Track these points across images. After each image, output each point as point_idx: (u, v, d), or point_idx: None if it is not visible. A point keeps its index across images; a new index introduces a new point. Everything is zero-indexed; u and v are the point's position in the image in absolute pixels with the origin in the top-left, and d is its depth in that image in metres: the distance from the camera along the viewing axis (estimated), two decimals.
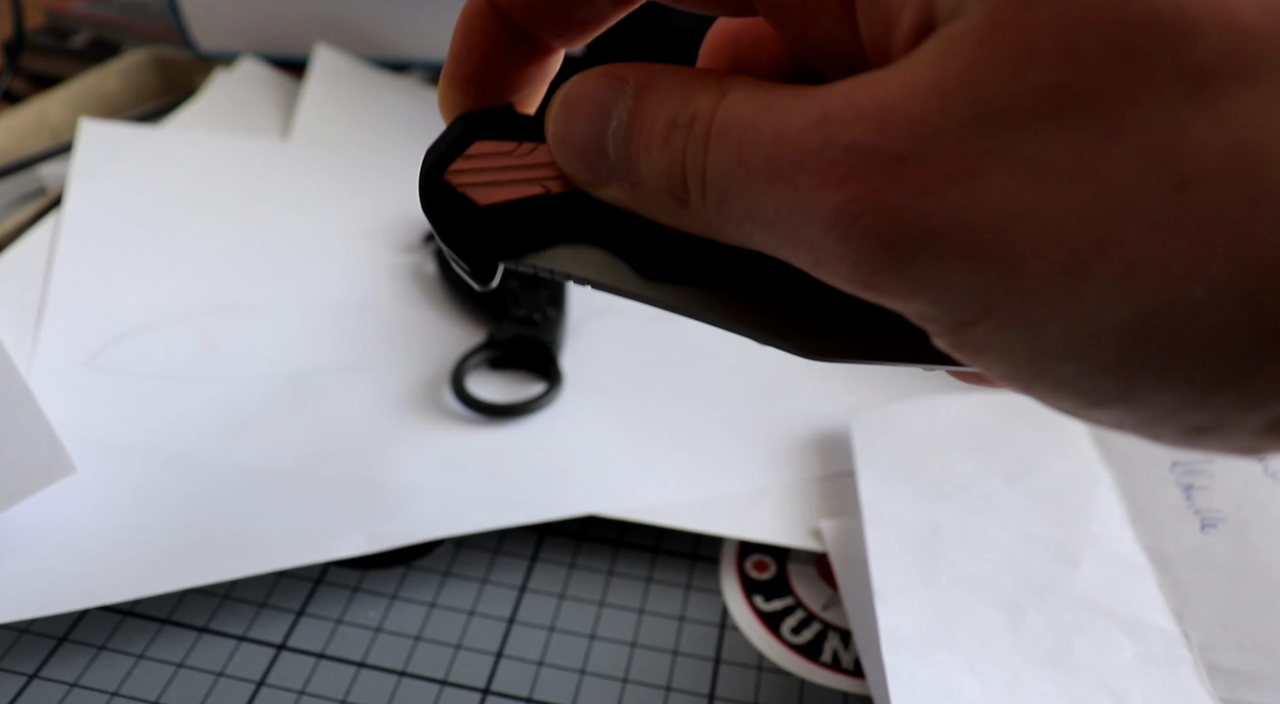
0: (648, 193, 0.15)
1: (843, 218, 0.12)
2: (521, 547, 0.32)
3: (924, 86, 0.12)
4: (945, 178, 0.11)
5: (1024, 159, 0.11)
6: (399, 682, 0.27)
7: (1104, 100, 0.11)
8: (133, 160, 0.45)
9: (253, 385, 0.36)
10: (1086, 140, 0.11)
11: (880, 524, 0.29)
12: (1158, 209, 0.10)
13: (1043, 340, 0.12)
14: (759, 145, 0.13)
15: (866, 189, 0.12)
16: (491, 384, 0.37)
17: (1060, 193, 0.11)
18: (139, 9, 0.67)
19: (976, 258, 0.11)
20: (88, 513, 0.30)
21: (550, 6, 0.17)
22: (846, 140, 0.12)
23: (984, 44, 0.11)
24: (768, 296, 0.16)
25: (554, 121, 0.16)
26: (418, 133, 0.52)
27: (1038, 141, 0.11)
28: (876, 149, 0.12)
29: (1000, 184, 0.11)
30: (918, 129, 0.12)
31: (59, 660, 0.27)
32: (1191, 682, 0.25)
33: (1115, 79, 0.11)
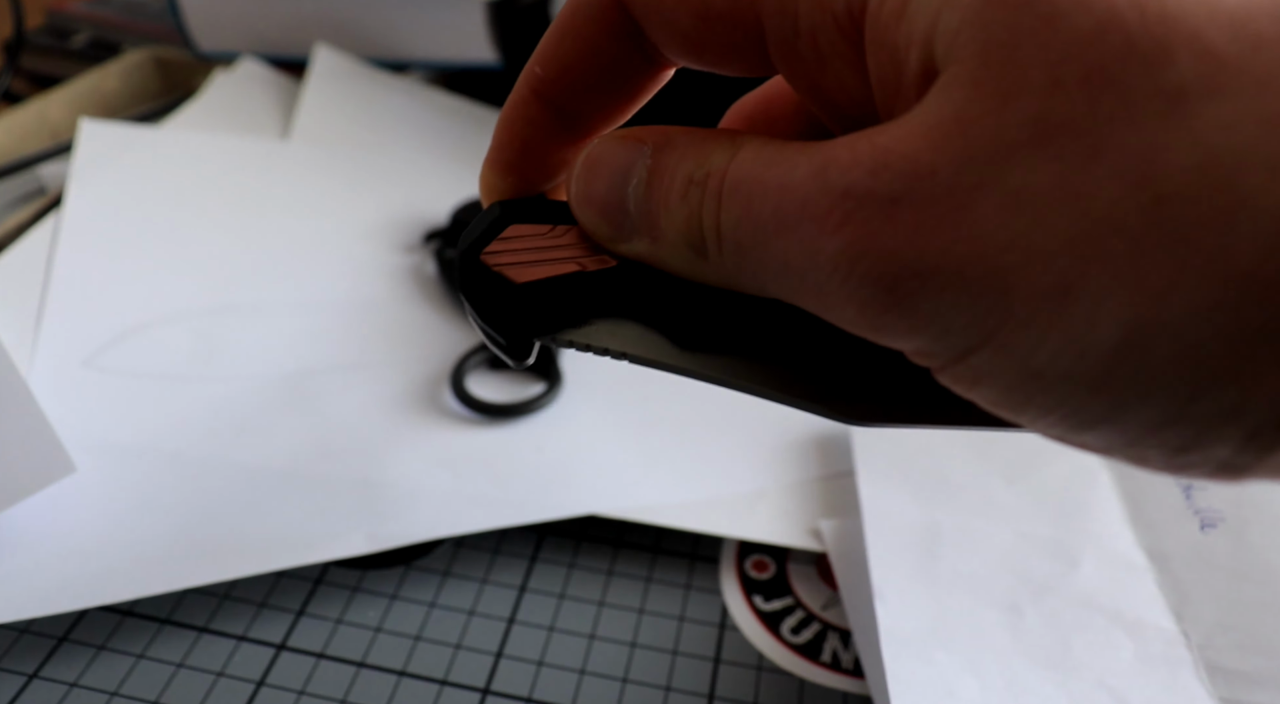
0: (668, 247, 0.16)
1: (843, 262, 0.13)
2: (521, 547, 0.32)
3: (919, 130, 0.12)
4: (937, 216, 0.12)
5: (1011, 190, 0.11)
6: (399, 682, 0.27)
7: (1084, 125, 0.11)
8: (133, 160, 0.45)
9: (252, 385, 0.36)
10: (1068, 166, 0.11)
11: (880, 524, 0.29)
12: (1137, 227, 0.11)
13: (1034, 364, 0.12)
14: (766, 198, 0.14)
15: (863, 232, 0.12)
16: (491, 384, 0.37)
17: (1045, 219, 0.11)
18: (139, 9, 0.67)
19: (970, 291, 0.12)
20: (87, 513, 0.30)
21: (589, 77, 0.17)
22: (842, 185, 0.13)
23: (975, 84, 0.12)
24: (804, 363, 0.16)
25: (576, 182, 0.17)
26: (418, 133, 0.52)
27: (1023, 171, 0.11)
28: (869, 192, 0.12)
29: (988, 216, 0.11)
30: (909, 169, 0.12)
31: (59, 660, 0.27)
32: (1191, 681, 0.25)
33: (1095, 105, 0.11)
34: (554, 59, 0.17)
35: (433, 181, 0.49)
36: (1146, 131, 0.11)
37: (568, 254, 0.17)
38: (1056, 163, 0.11)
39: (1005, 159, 0.11)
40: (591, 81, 0.17)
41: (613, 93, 0.18)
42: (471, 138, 0.53)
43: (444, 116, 0.54)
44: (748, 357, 0.16)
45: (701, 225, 0.15)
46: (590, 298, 0.17)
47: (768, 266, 0.14)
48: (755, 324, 0.16)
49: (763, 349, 0.16)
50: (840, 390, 0.16)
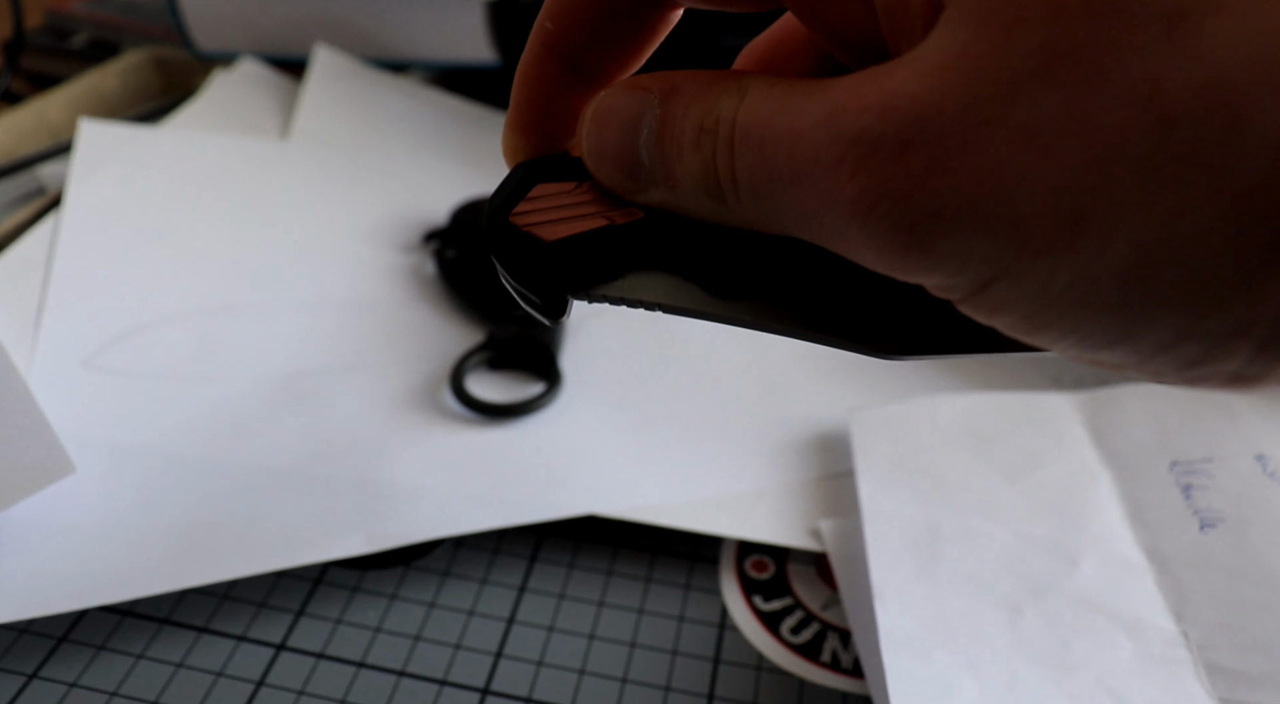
0: (687, 194, 0.16)
1: (860, 209, 0.13)
2: (521, 547, 0.32)
3: (925, 69, 0.12)
4: (947, 156, 0.12)
5: (1018, 124, 0.12)
6: (398, 682, 0.27)
7: (1088, 53, 0.11)
8: (132, 160, 0.45)
9: (253, 385, 0.36)
10: (1074, 95, 0.11)
11: (879, 524, 0.29)
12: (1144, 151, 0.11)
13: (1050, 291, 0.12)
14: (779, 146, 0.14)
15: (876, 178, 0.13)
16: (491, 384, 0.37)
17: (1053, 150, 0.11)
18: (138, 9, 0.67)
19: (985, 226, 0.12)
20: (87, 513, 0.30)
21: (598, 26, 0.18)
22: (852, 132, 0.13)
23: (979, 19, 0.12)
24: (831, 301, 0.16)
25: (587, 137, 0.17)
26: (417, 133, 0.52)
27: (1030, 104, 0.11)
28: (881, 137, 0.12)
29: (998, 151, 0.12)
30: (917, 111, 0.12)
31: (58, 660, 0.27)
32: (1190, 682, 0.25)
33: (1097, 32, 0.11)
34: (562, 11, 0.18)
35: (432, 181, 0.49)
36: (1149, 54, 0.11)
37: (595, 209, 0.17)
38: (1061, 92, 0.11)
39: (1011, 93, 0.12)
40: (600, 29, 0.18)
41: (623, 39, 0.18)
42: (471, 138, 0.53)
43: (444, 116, 0.54)
44: (776, 298, 0.16)
45: (717, 173, 0.15)
46: (621, 251, 0.17)
47: (786, 212, 0.14)
48: (781, 265, 0.16)
49: (790, 289, 0.16)
50: (867, 325, 0.16)
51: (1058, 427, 0.33)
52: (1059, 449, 0.32)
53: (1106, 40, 0.11)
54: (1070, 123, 0.11)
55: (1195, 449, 0.32)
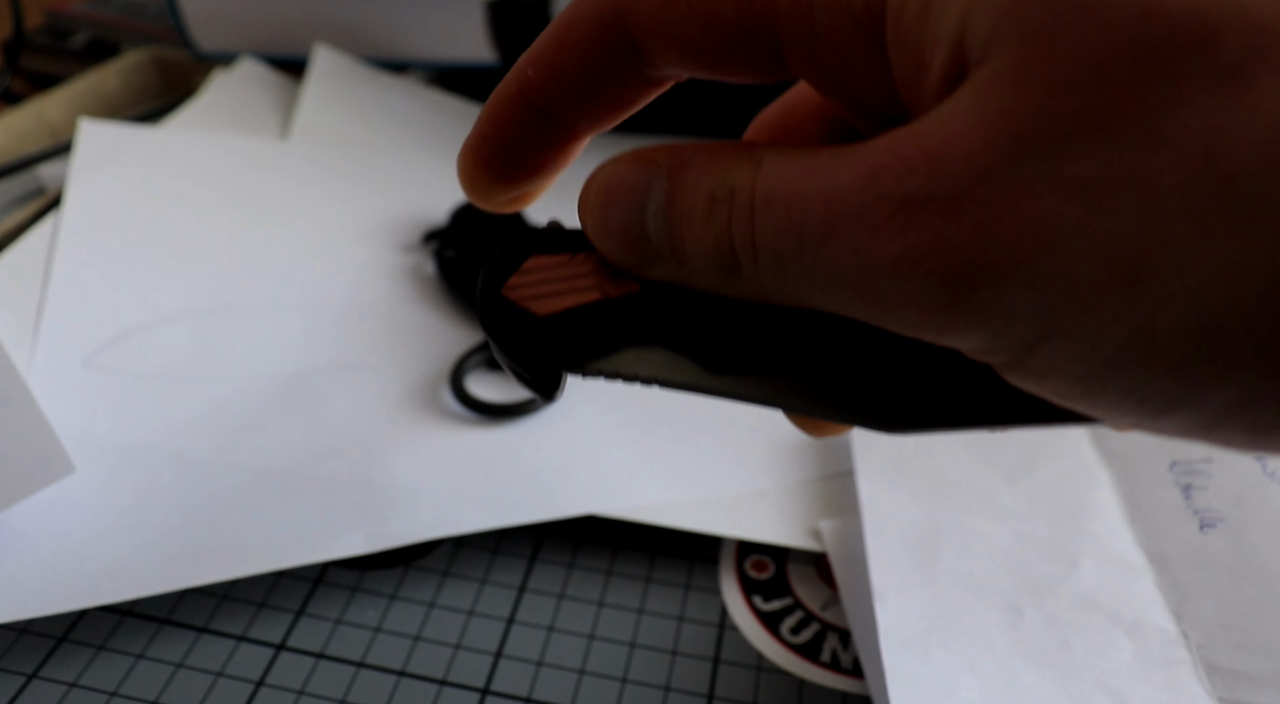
0: (696, 268, 0.16)
1: (906, 264, 0.13)
2: (521, 547, 0.32)
3: (966, 130, 0.12)
4: (998, 211, 0.12)
5: (1069, 180, 0.11)
6: (398, 682, 0.27)
7: (1138, 112, 0.11)
8: (132, 160, 0.45)
9: (252, 385, 0.36)
10: (1128, 152, 0.11)
11: (879, 524, 0.29)
12: (1204, 208, 0.11)
13: (1104, 351, 0.12)
14: (810, 209, 0.13)
15: (927, 235, 0.12)
16: (490, 384, 0.37)
17: (1107, 205, 0.11)
18: (138, 9, 0.67)
19: (1034, 280, 0.12)
20: (87, 513, 0.30)
21: (583, 89, 0.17)
22: (902, 192, 0.13)
23: (1017, 81, 0.12)
24: (838, 375, 0.16)
25: (590, 211, 0.17)
26: (417, 133, 0.52)
27: (1081, 161, 0.11)
28: (931, 196, 0.12)
29: (1049, 207, 0.11)
30: (966, 170, 0.12)
31: (58, 660, 0.27)
32: (1190, 682, 0.25)
33: (1147, 92, 0.11)
34: (546, 65, 0.17)
35: (432, 181, 0.49)
36: (1205, 112, 0.11)
37: (589, 282, 0.17)
38: (1114, 151, 0.11)
39: (1061, 150, 0.11)
40: (583, 91, 0.17)
41: (604, 101, 0.17)
42: None
43: (444, 116, 0.54)
44: (781, 372, 0.16)
45: (733, 242, 0.15)
46: (615, 325, 0.17)
47: (814, 276, 0.14)
48: (788, 337, 0.16)
49: (797, 363, 0.16)
50: (883, 397, 0.15)
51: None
52: (1058, 449, 0.32)
53: (1157, 100, 0.11)
54: (1125, 179, 0.11)
55: (1195, 449, 0.32)
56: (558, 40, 0.17)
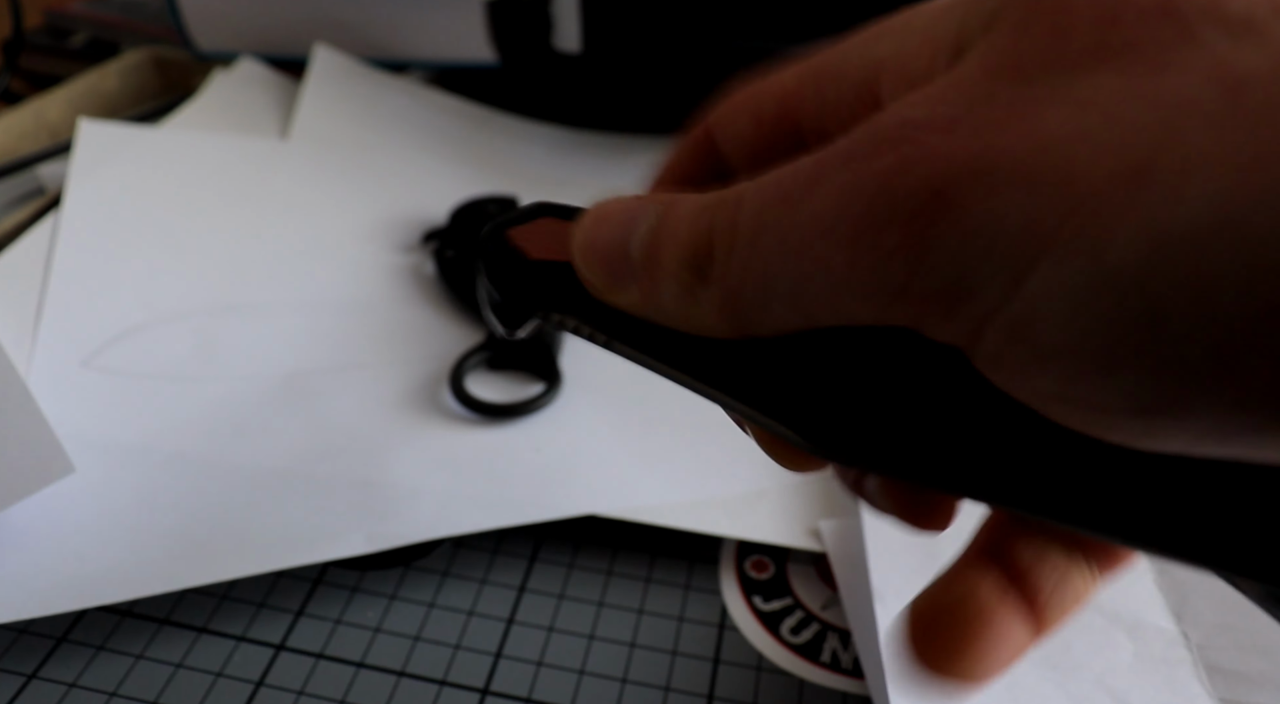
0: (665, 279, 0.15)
1: (892, 175, 0.12)
2: (520, 547, 0.32)
3: (971, 71, 0.12)
4: (998, 122, 0.11)
5: (1075, 98, 0.11)
6: (398, 682, 0.27)
7: (1148, 49, 0.11)
8: (131, 160, 0.45)
9: (252, 385, 0.36)
10: (1135, 76, 0.11)
11: (879, 524, 0.29)
12: (1214, 110, 0.10)
13: (1106, 262, 0.10)
14: (799, 173, 0.13)
15: (918, 148, 0.12)
16: (490, 384, 0.37)
17: (1114, 114, 0.11)
18: (138, 9, 0.67)
19: (1031, 182, 0.11)
20: (86, 513, 0.30)
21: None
22: (896, 119, 0.12)
23: (1024, 29, 0.12)
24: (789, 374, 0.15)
25: (581, 230, 0.17)
26: (417, 133, 0.52)
27: (1087, 84, 0.11)
28: (929, 118, 0.12)
29: (1054, 117, 0.11)
30: (968, 93, 0.12)
31: (58, 660, 0.27)
32: (1191, 682, 0.25)
33: (1157, 35, 0.11)
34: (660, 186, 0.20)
35: (432, 181, 0.48)
36: (1214, 51, 0.10)
37: None
38: (1121, 76, 0.11)
39: (1069, 76, 0.11)
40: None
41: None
42: (471, 138, 0.53)
43: (444, 116, 0.54)
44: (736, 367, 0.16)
45: (711, 231, 0.14)
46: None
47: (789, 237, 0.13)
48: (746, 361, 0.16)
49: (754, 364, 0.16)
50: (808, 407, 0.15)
51: None
52: None
53: (1166, 39, 0.11)
54: (1132, 96, 0.11)
55: None
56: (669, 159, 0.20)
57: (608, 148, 0.55)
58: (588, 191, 0.50)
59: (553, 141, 0.55)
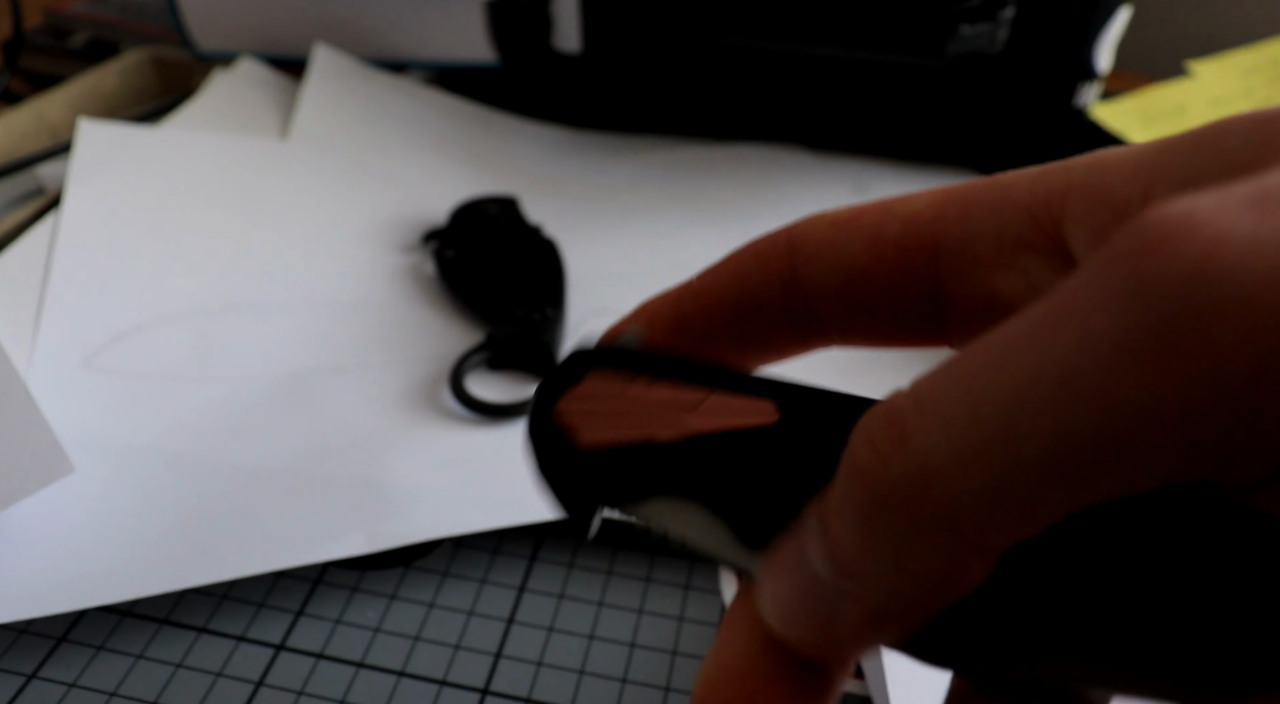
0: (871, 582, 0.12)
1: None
2: (520, 547, 0.32)
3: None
4: None
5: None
6: (398, 682, 0.27)
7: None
8: (131, 160, 0.45)
9: (252, 385, 0.36)
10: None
11: None
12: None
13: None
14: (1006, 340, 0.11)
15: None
16: (491, 384, 0.37)
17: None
18: (138, 9, 0.67)
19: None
20: (86, 513, 0.30)
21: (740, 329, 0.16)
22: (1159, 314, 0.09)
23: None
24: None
25: (765, 599, 0.14)
26: (418, 133, 0.52)
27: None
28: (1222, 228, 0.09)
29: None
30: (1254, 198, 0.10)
31: (57, 660, 0.27)
32: None
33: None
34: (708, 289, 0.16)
35: (433, 181, 0.49)
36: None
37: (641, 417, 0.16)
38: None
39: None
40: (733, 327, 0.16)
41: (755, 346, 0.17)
42: (471, 138, 0.53)
43: (444, 116, 0.54)
44: None
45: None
46: (657, 471, 0.15)
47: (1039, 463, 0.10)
48: None
49: None
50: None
51: None
52: None
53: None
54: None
55: None
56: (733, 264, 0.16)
57: (608, 148, 0.55)
58: (588, 191, 0.50)
59: (553, 141, 0.55)
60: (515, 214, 0.43)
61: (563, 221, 0.46)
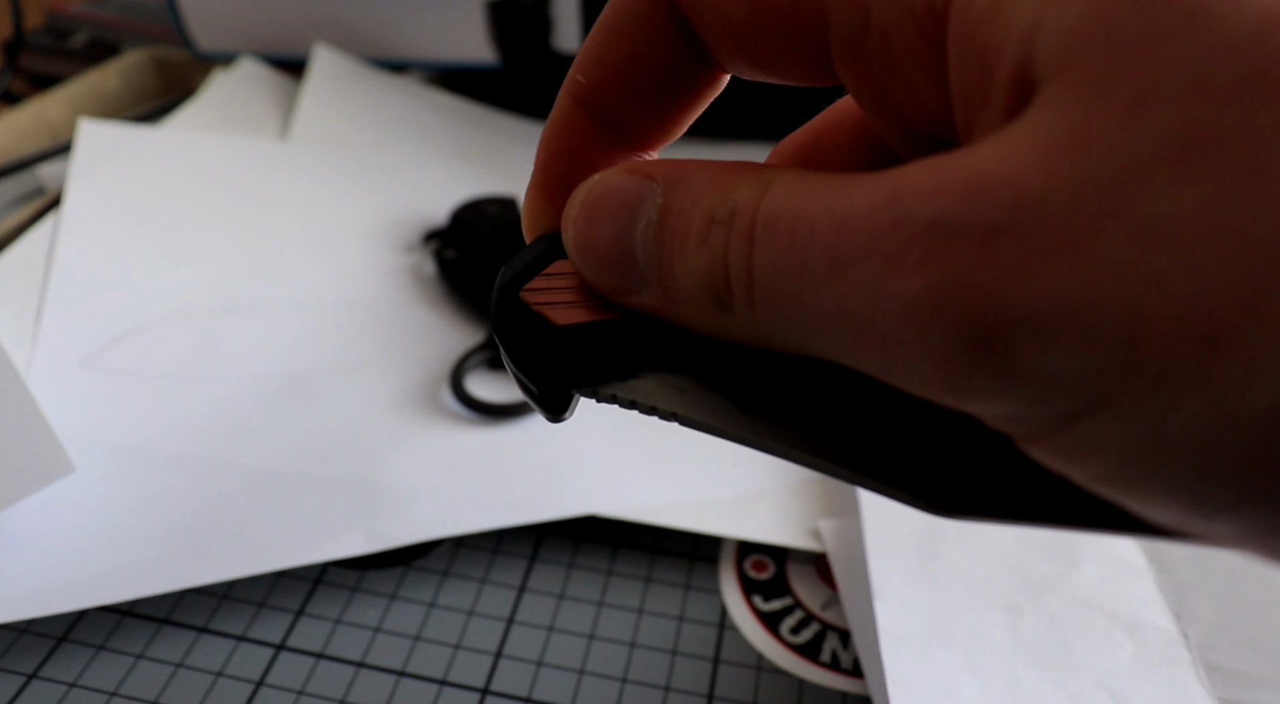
0: (684, 298, 0.14)
1: (922, 308, 0.10)
2: (520, 547, 0.32)
3: (1025, 149, 0.10)
4: (1049, 248, 0.10)
5: (1147, 218, 0.09)
6: (398, 681, 0.27)
7: (1239, 139, 0.09)
8: (132, 160, 0.45)
9: (252, 385, 0.36)
10: (1220, 188, 0.09)
11: (879, 524, 0.29)
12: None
13: (1165, 431, 0.10)
14: (815, 236, 0.11)
15: (951, 271, 0.10)
16: (491, 384, 0.37)
17: (1190, 253, 0.09)
18: (138, 9, 0.67)
19: (1091, 338, 0.10)
20: (87, 513, 0.30)
21: (637, 83, 0.16)
22: (925, 215, 0.10)
23: (1098, 92, 0.10)
24: (890, 438, 0.13)
25: (574, 224, 0.15)
26: (417, 133, 0.52)
27: (1163, 195, 0.09)
28: (963, 223, 0.10)
29: (1117, 249, 0.09)
30: (1013, 195, 0.10)
31: (58, 660, 0.27)
32: (1190, 681, 0.25)
33: (1252, 116, 0.09)
34: (597, 63, 0.16)
35: (432, 181, 0.49)
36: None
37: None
38: (1204, 184, 0.09)
39: (1139, 180, 0.09)
40: (639, 87, 0.16)
41: (663, 100, 0.16)
42: (471, 138, 0.53)
43: (444, 116, 0.54)
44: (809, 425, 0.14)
45: (727, 271, 0.13)
46: (641, 347, 0.15)
47: (813, 318, 0.12)
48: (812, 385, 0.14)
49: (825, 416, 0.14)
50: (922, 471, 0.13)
51: None
52: None
53: (1263, 127, 0.09)
54: (1213, 223, 0.09)
55: None
56: (606, 30, 0.16)
57: None
58: None
59: None
60: (515, 214, 0.43)
61: None
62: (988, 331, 0.10)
